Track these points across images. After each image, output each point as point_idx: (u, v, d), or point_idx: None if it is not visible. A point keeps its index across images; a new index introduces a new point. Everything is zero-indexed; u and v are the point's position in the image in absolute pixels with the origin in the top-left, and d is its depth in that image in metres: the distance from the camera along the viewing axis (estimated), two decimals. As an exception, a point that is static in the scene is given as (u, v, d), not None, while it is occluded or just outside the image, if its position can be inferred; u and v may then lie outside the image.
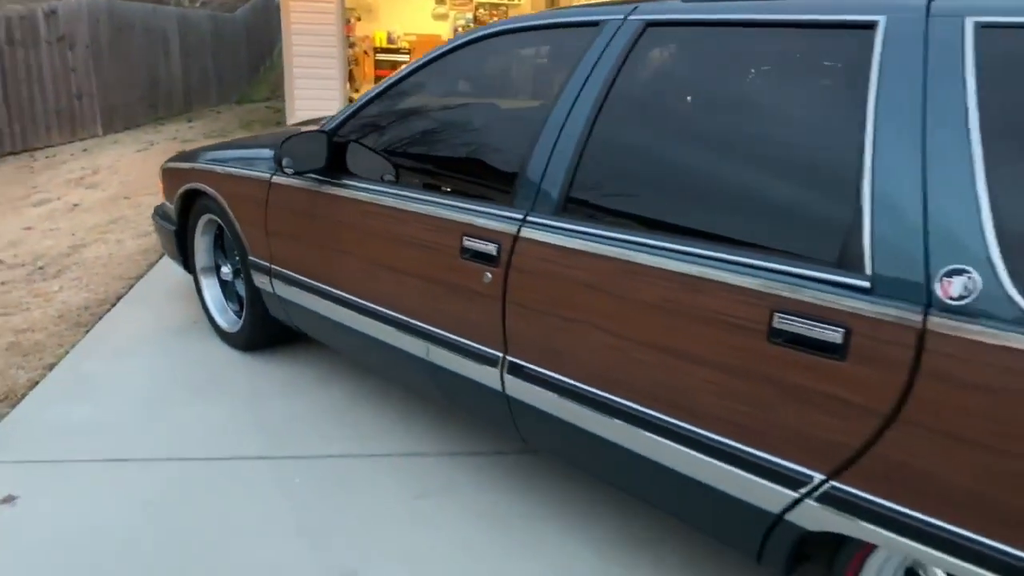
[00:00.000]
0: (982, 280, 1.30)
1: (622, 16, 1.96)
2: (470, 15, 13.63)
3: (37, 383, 3.08)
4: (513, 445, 2.66)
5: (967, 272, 1.32)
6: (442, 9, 13.60)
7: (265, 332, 3.21)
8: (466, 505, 2.35)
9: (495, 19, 13.60)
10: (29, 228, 5.62)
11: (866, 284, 1.42)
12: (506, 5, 13.70)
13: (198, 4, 17.59)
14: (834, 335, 1.44)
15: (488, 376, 2.13)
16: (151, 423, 2.77)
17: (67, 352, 3.34)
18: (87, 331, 3.57)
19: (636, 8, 1.96)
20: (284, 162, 2.46)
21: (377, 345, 2.50)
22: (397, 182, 2.39)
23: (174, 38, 12.19)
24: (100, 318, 3.72)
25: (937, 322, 1.33)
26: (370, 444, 2.66)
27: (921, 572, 1.55)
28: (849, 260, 1.45)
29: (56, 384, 3.08)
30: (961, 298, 1.32)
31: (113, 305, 3.89)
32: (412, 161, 2.39)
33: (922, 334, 1.35)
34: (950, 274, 1.33)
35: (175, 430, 2.73)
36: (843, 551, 1.59)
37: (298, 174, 2.55)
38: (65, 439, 2.66)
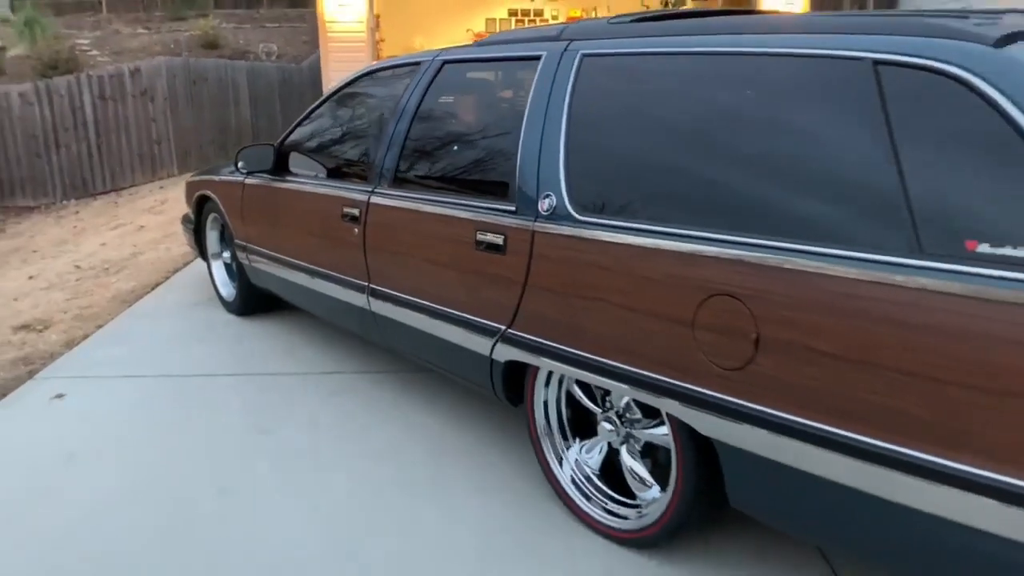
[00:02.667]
0: (557, 200, 2.36)
1: (431, 58, 3.10)
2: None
3: (88, 336, 4.38)
4: (404, 365, 3.76)
5: (551, 195, 2.38)
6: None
7: (250, 298, 4.43)
8: (361, 400, 3.46)
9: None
10: (104, 244, 7.11)
11: (513, 208, 2.49)
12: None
13: (275, 58, 19.64)
14: (499, 240, 2.52)
15: (362, 300, 3.26)
16: (163, 357, 4.01)
17: (112, 318, 4.65)
18: (130, 306, 4.89)
19: (440, 52, 3.10)
20: (239, 165, 3.69)
21: (306, 290, 3.67)
22: (315, 176, 3.57)
23: (244, 88, 13.95)
24: (141, 298, 5.05)
25: (538, 225, 2.40)
26: (307, 367, 3.82)
27: (571, 391, 2.58)
28: (508, 197, 2.53)
29: (102, 336, 4.38)
30: (548, 210, 2.38)
31: (152, 289, 5.22)
32: (323, 159, 3.58)
33: (533, 233, 2.41)
34: (543, 197, 2.40)
35: (177, 360, 3.95)
36: (526, 376, 2.63)
37: (250, 173, 3.78)
38: (102, 365, 3.93)
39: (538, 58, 2.63)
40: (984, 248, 1.55)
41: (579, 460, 2.61)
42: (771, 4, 9.64)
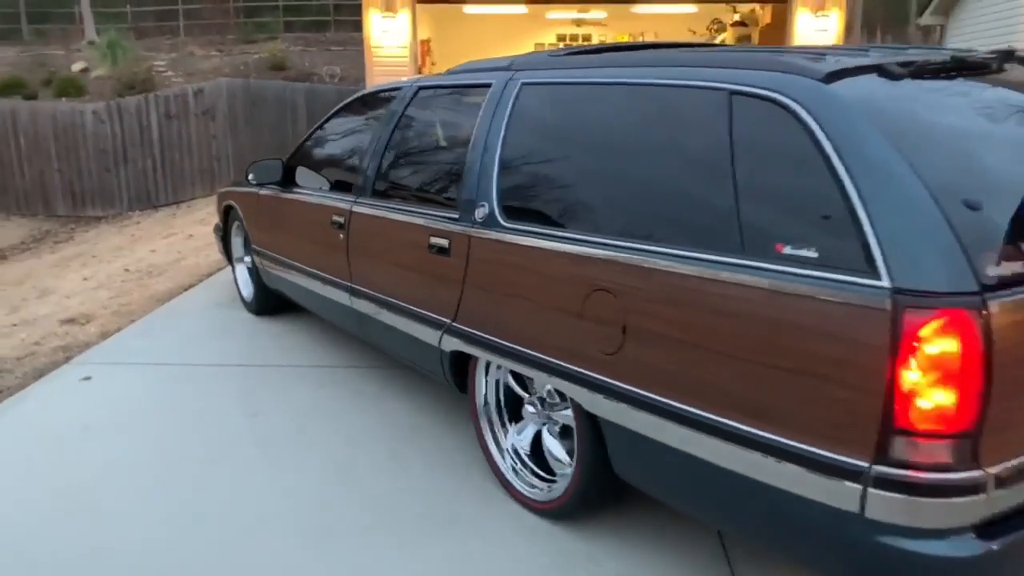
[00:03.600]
0: (489, 208, 2.71)
1: (411, 84, 3.50)
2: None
3: (121, 329, 4.89)
4: (389, 361, 4.13)
5: (485, 204, 2.73)
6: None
7: (265, 298, 4.87)
8: (347, 391, 3.84)
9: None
10: (154, 251, 7.72)
11: (457, 216, 2.85)
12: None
13: (337, 80, 20.49)
14: (445, 243, 2.88)
15: (346, 298, 3.65)
16: (180, 349, 4.48)
17: (144, 315, 5.16)
18: (162, 304, 5.40)
19: (418, 79, 3.49)
20: (250, 177, 4.14)
21: (304, 290, 4.09)
22: (316, 187, 3.99)
23: (302, 107, 14.65)
24: (174, 297, 5.56)
25: (474, 231, 2.75)
26: (304, 360, 4.23)
27: (508, 380, 2.91)
28: (454, 207, 2.89)
29: (133, 330, 4.89)
30: (483, 218, 2.73)
31: (185, 290, 5.74)
32: (321, 172, 4.00)
33: (470, 238, 2.76)
34: (480, 206, 2.75)
35: (193, 352, 4.41)
36: (469, 365, 2.97)
37: (259, 185, 4.23)
38: (128, 354, 4.41)
39: (489, 85, 2.99)
40: (787, 250, 1.84)
41: (512, 441, 2.93)
42: (804, 33, 9.84)
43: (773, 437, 1.84)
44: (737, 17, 12.01)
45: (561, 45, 14.57)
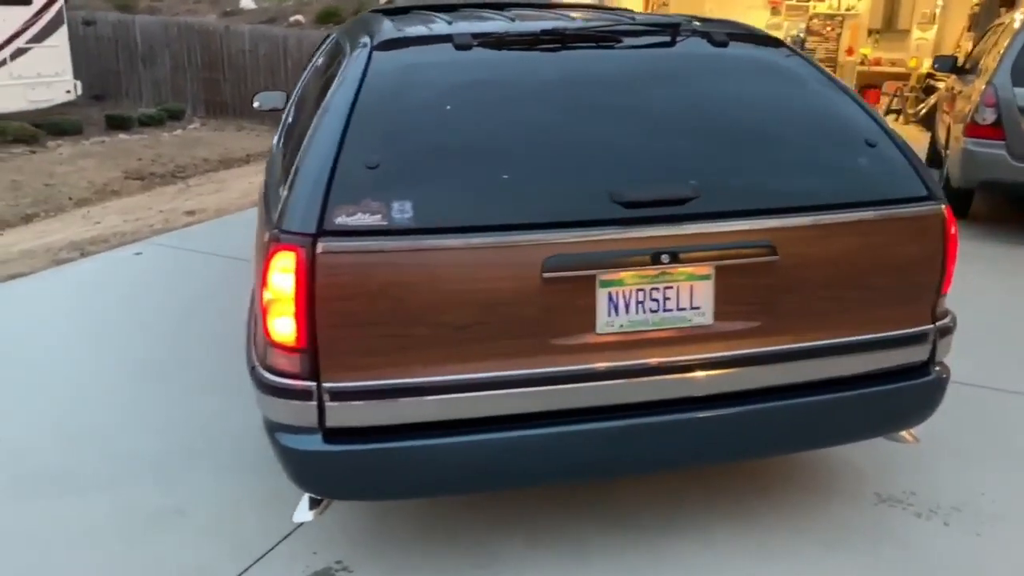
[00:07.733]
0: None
1: (334, 34, 4.06)
2: (803, 25, 14.48)
3: (204, 221, 6.10)
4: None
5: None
6: (776, 19, 14.69)
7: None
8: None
9: (829, 29, 14.30)
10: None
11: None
12: (841, 15, 14.19)
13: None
14: (267, 169, 3.50)
15: (282, 213, 4.40)
16: (222, 241, 5.55)
17: (229, 214, 6.35)
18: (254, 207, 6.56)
19: (338, 28, 4.05)
20: (255, 104, 4.99)
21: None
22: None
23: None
24: (265, 203, 6.71)
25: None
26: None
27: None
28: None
29: (209, 223, 6.14)
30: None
31: (279, 198, 6.87)
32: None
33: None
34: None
35: (228, 245, 5.43)
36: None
37: (263, 109, 5.06)
38: (183, 240, 5.61)
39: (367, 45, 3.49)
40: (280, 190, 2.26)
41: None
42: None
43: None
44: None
45: None
